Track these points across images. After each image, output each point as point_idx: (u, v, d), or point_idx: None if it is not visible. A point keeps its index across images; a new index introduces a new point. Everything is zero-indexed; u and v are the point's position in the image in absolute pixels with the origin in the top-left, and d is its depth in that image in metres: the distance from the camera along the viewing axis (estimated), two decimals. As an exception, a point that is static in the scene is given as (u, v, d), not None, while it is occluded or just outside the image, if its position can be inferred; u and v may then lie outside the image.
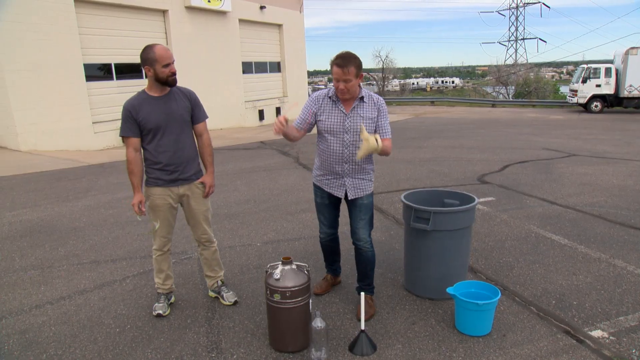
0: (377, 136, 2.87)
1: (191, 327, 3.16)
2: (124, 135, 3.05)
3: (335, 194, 3.20)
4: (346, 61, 2.88)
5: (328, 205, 3.31)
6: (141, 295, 3.64)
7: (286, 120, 2.86)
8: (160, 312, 3.29)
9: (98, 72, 12.79)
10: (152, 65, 2.96)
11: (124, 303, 3.53)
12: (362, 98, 3.05)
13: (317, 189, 3.29)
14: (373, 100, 3.10)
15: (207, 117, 3.31)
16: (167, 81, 3.02)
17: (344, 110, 3.04)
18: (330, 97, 3.08)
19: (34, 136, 11.18)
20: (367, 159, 3.15)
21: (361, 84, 3.08)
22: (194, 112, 3.22)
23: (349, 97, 3.01)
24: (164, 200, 3.17)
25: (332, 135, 3.07)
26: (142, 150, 3.13)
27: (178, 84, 3.14)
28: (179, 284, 3.80)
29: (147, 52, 2.96)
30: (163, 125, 3.06)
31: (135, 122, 3.02)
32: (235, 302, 3.44)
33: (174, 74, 3.03)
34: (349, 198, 3.16)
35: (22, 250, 4.72)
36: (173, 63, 3.03)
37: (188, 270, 4.09)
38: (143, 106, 3.02)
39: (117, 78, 13.09)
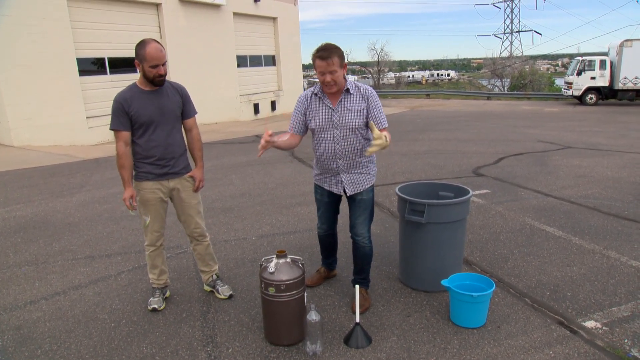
0: (386, 133, 2.77)
1: (186, 321, 3.16)
2: (115, 129, 3.01)
3: (335, 192, 3.18)
4: (328, 52, 2.84)
5: (328, 202, 3.29)
6: (136, 290, 3.64)
7: (270, 135, 2.73)
8: (156, 306, 3.28)
9: (91, 67, 12.69)
10: (141, 62, 2.95)
11: (119, 298, 3.52)
12: (347, 90, 2.99)
13: (317, 187, 3.28)
14: (360, 91, 3.03)
15: (196, 112, 3.30)
16: (153, 81, 2.99)
17: (330, 106, 3.00)
18: (316, 94, 3.05)
19: (28, 131, 11.10)
20: (360, 152, 3.08)
21: (352, 76, 3.05)
22: (185, 107, 3.21)
23: (336, 90, 2.95)
24: (155, 194, 3.15)
25: (322, 132, 3.04)
26: (131, 144, 3.10)
27: (174, 77, 3.12)
28: (174, 278, 3.79)
29: (140, 48, 2.94)
30: (156, 119, 3.04)
31: (126, 116, 2.99)
32: (230, 296, 3.45)
33: (161, 75, 2.99)
34: (348, 194, 3.15)
35: (16, 246, 4.70)
36: (163, 65, 2.98)
37: (183, 265, 4.08)
38: (135, 100, 3.00)
39: (111, 72, 12.99)
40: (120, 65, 13.01)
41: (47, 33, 11.19)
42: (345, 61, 2.99)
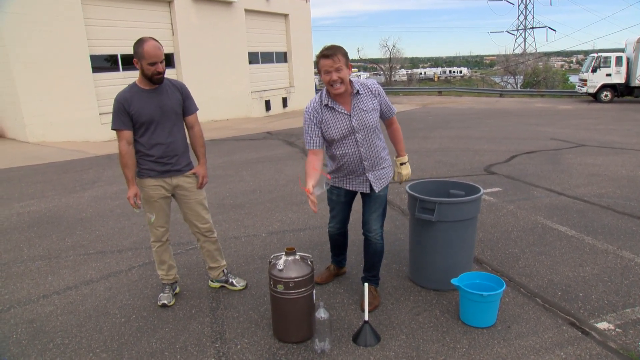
0: (398, 160, 3.22)
1: (196, 317, 3.18)
2: (117, 129, 3.02)
3: (361, 190, 3.14)
4: (332, 50, 2.77)
5: (344, 202, 3.27)
6: (146, 286, 3.67)
7: (312, 193, 2.74)
8: (165, 302, 3.31)
9: (104, 64, 12.83)
10: (139, 60, 2.96)
11: (130, 293, 3.56)
12: (357, 92, 2.93)
13: (334, 187, 3.23)
14: (368, 89, 2.99)
15: (197, 109, 3.31)
16: (151, 79, 3.00)
17: (345, 112, 2.93)
18: (326, 105, 2.93)
19: (42, 127, 11.25)
20: (382, 145, 3.11)
21: (364, 73, 3.03)
22: (185, 105, 3.22)
23: (343, 90, 2.85)
24: (158, 191, 3.17)
25: (344, 139, 2.97)
26: (133, 143, 3.11)
27: (185, 74, 3.13)
28: (184, 274, 3.82)
29: (137, 46, 2.95)
30: (156, 118, 3.06)
31: (127, 115, 3.00)
32: (246, 285, 3.53)
33: (159, 73, 2.99)
34: (376, 191, 3.10)
35: (30, 241, 4.76)
36: (161, 62, 2.99)
37: (193, 261, 4.10)
38: (135, 99, 3.01)
39: (124, 69, 13.12)
40: (132, 62, 13.08)
41: (61, 30, 11.32)
42: (350, 62, 2.91)
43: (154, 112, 3.04)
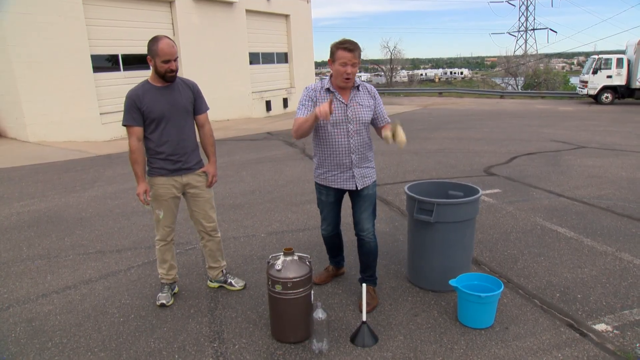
0: (388, 127, 3.03)
1: (194, 317, 3.18)
2: (128, 124, 3.05)
3: (345, 188, 3.15)
4: (355, 46, 2.92)
5: (333, 202, 3.28)
6: (145, 285, 3.67)
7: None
8: (164, 302, 3.32)
9: (105, 63, 12.82)
10: (153, 57, 2.98)
11: (128, 293, 3.56)
12: (358, 87, 3.09)
13: (322, 187, 3.25)
14: (367, 88, 3.15)
15: (208, 108, 3.33)
16: (164, 76, 3.02)
17: (343, 100, 3.03)
18: (328, 89, 3.05)
19: (43, 127, 11.26)
20: (369, 146, 3.17)
21: (365, 74, 3.07)
22: (196, 103, 3.24)
23: (351, 84, 3.02)
24: (168, 190, 3.19)
25: (335, 127, 3.04)
26: (143, 140, 3.14)
27: (187, 74, 3.14)
28: (183, 274, 3.82)
29: (152, 44, 2.97)
30: (167, 115, 3.08)
31: (139, 112, 3.03)
32: (245, 286, 3.54)
33: (172, 71, 3.01)
34: (359, 188, 3.13)
35: (30, 240, 4.77)
36: (175, 60, 3.02)
37: (192, 261, 4.11)
38: (147, 95, 3.04)
39: (125, 69, 13.11)
40: (133, 62, 13.12)
41: (62, 30, 11.33)
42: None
43: (165, 108, 3.06)
